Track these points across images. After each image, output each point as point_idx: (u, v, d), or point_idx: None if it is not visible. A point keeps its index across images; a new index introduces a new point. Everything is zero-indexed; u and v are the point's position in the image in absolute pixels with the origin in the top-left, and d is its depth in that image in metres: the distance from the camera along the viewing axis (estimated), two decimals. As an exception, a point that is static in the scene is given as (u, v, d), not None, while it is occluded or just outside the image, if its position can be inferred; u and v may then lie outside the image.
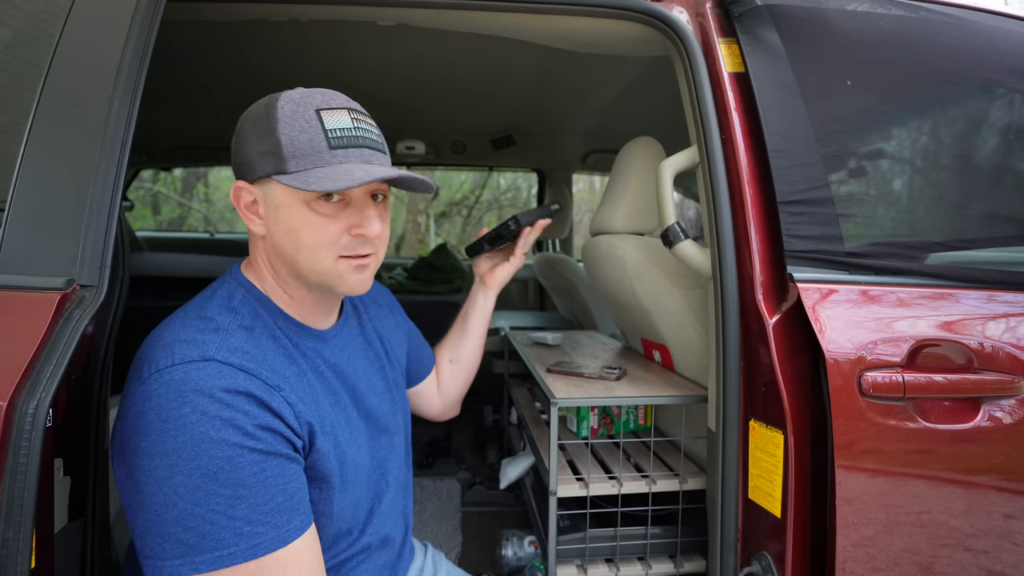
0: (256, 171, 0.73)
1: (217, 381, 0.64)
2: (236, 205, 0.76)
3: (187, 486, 0.61)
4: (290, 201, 0.72)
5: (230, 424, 0.63)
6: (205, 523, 0.61)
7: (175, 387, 0.63)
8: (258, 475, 0.64)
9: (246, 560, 0.62)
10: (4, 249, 0.73)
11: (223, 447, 0.62)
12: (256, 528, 0.63)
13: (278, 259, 0.76)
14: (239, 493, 0.63)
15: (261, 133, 0.72)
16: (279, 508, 0.65)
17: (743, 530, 1.01)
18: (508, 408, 2.10)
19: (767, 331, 0.93)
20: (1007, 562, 0.94)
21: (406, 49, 1.72)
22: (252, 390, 0.66)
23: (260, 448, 0.65)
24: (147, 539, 0.62)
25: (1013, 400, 0.94)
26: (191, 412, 0.62)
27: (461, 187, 8.05)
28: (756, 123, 1.02)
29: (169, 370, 0.64)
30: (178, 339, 0.68)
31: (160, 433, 0.62)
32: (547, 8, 1.06)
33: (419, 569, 1.04)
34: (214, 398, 0.64)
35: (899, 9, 1.11)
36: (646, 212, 1.46)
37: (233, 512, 0.62)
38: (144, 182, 6.52)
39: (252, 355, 0.69)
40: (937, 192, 1.10)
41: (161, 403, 0.63)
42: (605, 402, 1.28)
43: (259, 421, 0.66)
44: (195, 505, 0.61)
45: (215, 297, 0.76)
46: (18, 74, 0.81)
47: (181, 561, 0.61)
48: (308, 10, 1.07)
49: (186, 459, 0.61)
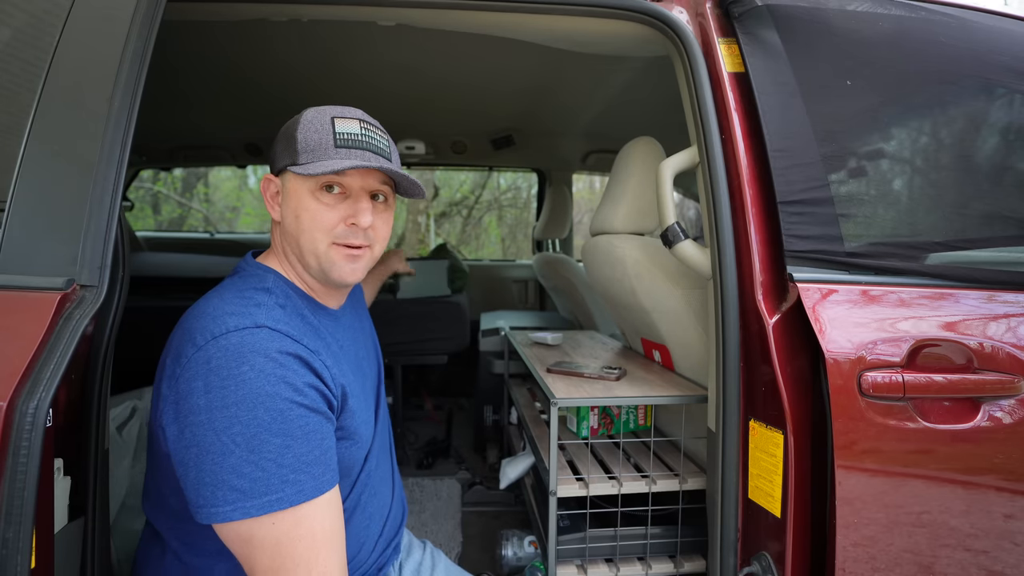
0: (277, 164, 0.86)
1: (271, 343, 0.72)
2: (264, 195, 0.89)
3: (244, 435, 0.68)
4: (298, 189, 0.83)
5: (283, 381, 0.71)
6: (258, 469, 0.68)
7: (233, 349, 0.70)
8: (303, 427, 0.71)
9: (291, 505, 0.69)
10: (4, 249, 0.73)
11: (276, 400, 0.70)
12: (299, 476, 0.70)
13: (287, 242, 0.86)
14: (287, 443, 0.70)
15: (287, 134, 0.85)
16: (317, 460, 0.72)
17: (743, 530, 1.01)
18: (508, 408, 2.10)
19: (767, 331, 0.93)
20: (1007, 562, 0.94)
21: (406, 49, 1.72)
22: (300, 353, 0.74)
23: (306, 404, 0.73)
24: (200, 489, 0.68)
25: (1013, 400, 0.94)
26: (250, 370, 0.69)
27: (461, 187, 8.04)
28: (756, 123, 1.02)
29: (226, 336, 0.71)
30: (225, 312, 0.74)
31: (221, 389, 0.69)
32: (547, 8, 1.06)
33: (417, 564, 1.06)
34: (269, 358, 0.71)
35: (899, 9, 1.11)
36: (646, 212, 1.46)
37: (282, 460, 0.69)
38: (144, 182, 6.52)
39: (292, 326, 0.77)
40: (937, 192, 1.10)
41: (221, 363, 0.69)
42: (605, 402, 1.28)
43: (306, 380, 0.74)
44: (250, 452, 0.68)
45: (247, 281, 0.83)
46: (18, 74, 0.81)
47: (233, 507, 0.67)
48: (308, 10, 1.08)
49: (244, 410, 0.68)
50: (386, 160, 0.85)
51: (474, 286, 3.23)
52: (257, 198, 7.56)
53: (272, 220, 0.89)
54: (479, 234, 8.25)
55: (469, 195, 8.10)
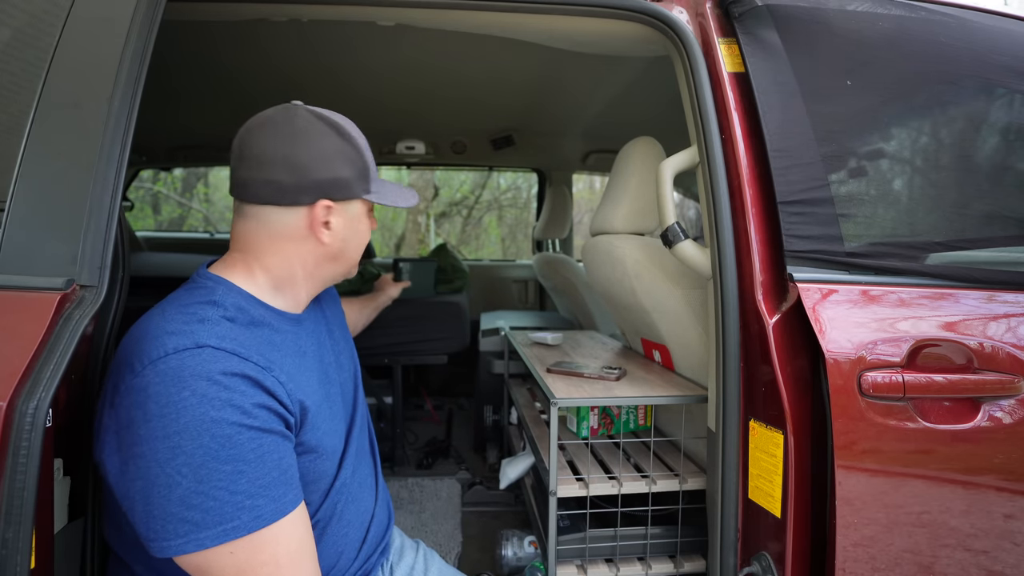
0: (352, 192, 0.85)
1: (213, 365, 0.68)
2: (314, 223, 0.82)
3: (190, 465, 0.64)
4: (362, 213, 0.88)
5: (229, 404, 0.67)
6: (208, 499, 0.64)
7: (172, 374, 0.66)
8: (256, 451, 0.68)
9: (249, 532, 0.66)
10: (4, 249, 0.73)
11: (223, 426, 0.66)
12: (256, 501, 0.67)
13: (316, 263, 0.85)
14: (239, 468, 0.66)
15: (349, 156, 0.85)
16: (276, 482, 0.69)
17: (743, 530, 1.01)
18: (508, 408, 2.10)
19: (767, 331, 0.93)
20: (1007, 562, 0.94)
21: (406, 49, 1.72)
22: (247, 372, 0.70)
23: (257, 426, 0.68)
24: (150, 523, 0.65)
25: (1013, 400, 0.94)
26: (191, 395, 0.65)
27: (461, 187, 8.04)
28: (756, 123, 1.02)
29: (164, 359, 0.67)
30: (164, 332, 0.70)
31: (161, 418, 0.65)
32: (547, 8, 1.06)
33: (409, 568, 1.05)
34: (212, 381, 0.67)
35: (899, 9, 1.11)
36: (646, 212, 1.46)
37: (235, 487, 0.66)
38: (144, 182, 6.52)
39: (240, 341, 0.73)
40: (937, 192, 1.10)
41: (160, 390, 0.65)
42: (605, 402, 1.28)
43: (255, 400, 0.69)
44: (198, 483, 0.64)
45: (193, 294, 0.78)
46: (18, 74, 0.81)
47: (186, 539, 0.64)
48: (308, 10, 1.07)
49: (188, 439, 0.64)
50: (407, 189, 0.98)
51: (474, 286, 3.23)
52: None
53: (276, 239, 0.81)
54: (479, 234, 8.24)
55: (469, 195, 8.10)
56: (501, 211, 8.26)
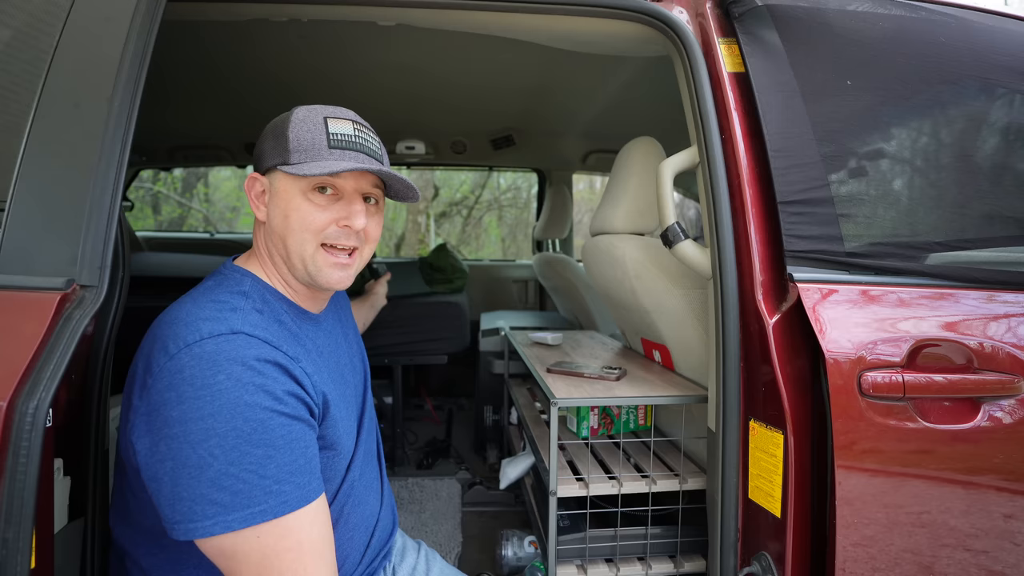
0: (265, 162, 0.83)
1: (248, 351, 0.70)
2: (248, 193, 0.85)
3: (223, 447, 0.65)
4: (289, 189, 0.81)
5: (262, 389, 0.68)
6: (239, 482, 0.65)
7: (207, 358, 0.67)
8: (285, 437, 0.69)
9: (275, 516, 0.67)
10: (4, 249, 0.73)
11: (256, 410, 0.67)
12: (283, 487, 0.68)
13: (272, 243, 0.84)
14: (269, 453, 0.67)
15: (277, 132, 0.83)
16: (301, 469, 0.70)
17: (743, 530, 1.01)
18: (508, 408, 2.10)
19: (767, 331, 0.93)
20: (1007, 562, 0.94)
21: (406, 49, 1.72)
22: (278, 360, 0.72)
23: (288, 412, 0.70)
24: (177, 505, 0.66)
25: (1013, 400, 0.94)
26: (226, 379, 0.67)
27: (461, 187, 8.04)
28: (756, 123, 1.02)
29: (200, 343, 0.68)
30: (199, 318, 0.71)
31: (195, 400, 0.66)
32: (547, 8, 1.06)
33: (411, 569, 1.05)
34: (247, 366, 0.68)
35: (899, 9, 1.11)
36: (646, 212, 1.46)
37: (264, 471, 0.67)
38: (144, 182, 6.52)
39: (270, 332, 0.75)
40: (937, 192, 1.10)
41: (195, 373, 0.67)
42: (605, 402, 1.28)
43: (286, 388, 0.71)
44: (229, 464, 0.65)
45: (223, 285, 0.81)
46: (18, 74, 0.81)
47: (214, 521, 0.65)
48: (308, 10, 1.07)
49: (221, 422, 0.66)
50: (379, 162, 0.85)
51: (474, 286, 3.23)
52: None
53: (256, 220, 0.87)
54: (479, 234, 8.24)
55: (469, 195, 8.10)
56: (501, 211, 8.26)
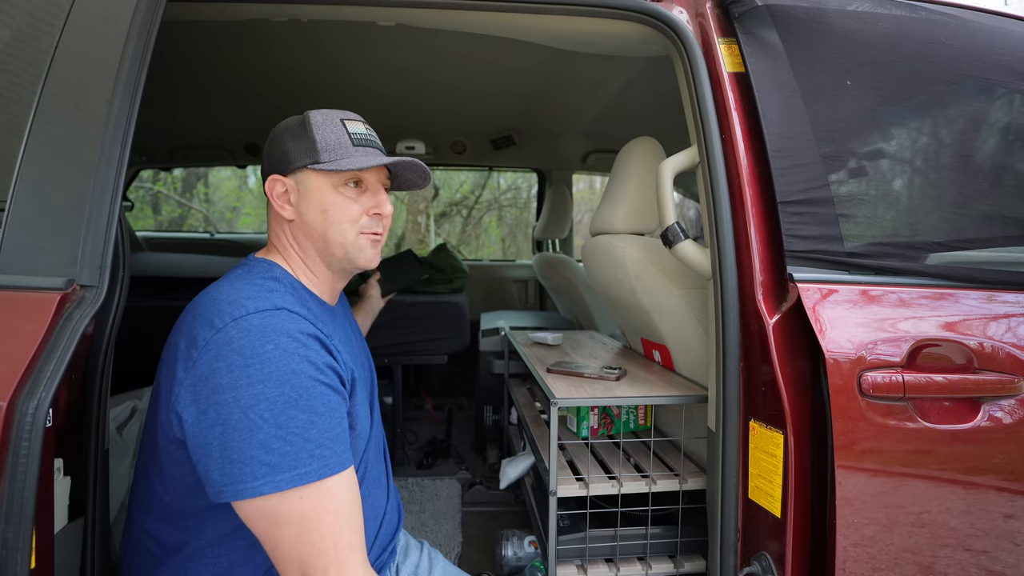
0: (292, 163, 0.88)
1: (292, 324, 0.76)
2: (269, 195, 0.90)
3: (272, 411, 0.70)
4: (321, 186, 0.87)
5: (306, 359, 0.74)
6: (286, 444, 0.70)
7: (255, 330, 0.73)
8: (326, 404, 0.74)
9: (318, 479, 0.71)
10: (4, 249, 0.73)
11: (302, 378, 0.73)
12: (324, 451, 0.72)
13: (306, 239, 0.90)
14: (312, 419, 0.72)
15: (297, 134, 0.88)
16: (337, 438, 0.75)
17: (743, 530, 1.01)
18: (508, 408, 2.10)
19: (767, 331, 0.93)
20: (1007, 562, 0.94)
21: (406, 49, 1.72)
22: (318, 335, 0.78)
23: (327, 383, 0.76)
24: (227, 467, 0.69)
25: (1013, 400, 0.94)
26: (274, 348, 0.72)
27: (461, 187, 8.04)
28: (756, 123, 1.02)
29: (246, 318, 0.74)
30: (241, 296, 0.77)
31: (245, 368, 0.71)
32: (547, 8, 1.06)
33: (414, 567, 1.07)
34: (292, 337, 0.74)
35: (899, 9, 1.11)
36: (646, 212, 1.46)
37: (308, 435, 0.71)
38: (144, 182, 6.52)
39: (306, 310, 0.81)
40: (937, 192, 1.10)
41: (244, 343, 0.72)
42: (605, 402, 1.28)
43: (325, 360, 0.77)
44: (278, 428, 0.70)
45: (255, 271, 0.86)
46: (18, 74, 0.81)
47: (263, 481, 0.69)
48: (308, 10, 1.08)
49: (271, 387, 0.70)
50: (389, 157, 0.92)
51: (474, 286, 3.22)
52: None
53: (274, 219, 0.92)
54: (479, 234, 8.24)
55: (469, 195, 8.10)
56: (501, 211, 8.26)
